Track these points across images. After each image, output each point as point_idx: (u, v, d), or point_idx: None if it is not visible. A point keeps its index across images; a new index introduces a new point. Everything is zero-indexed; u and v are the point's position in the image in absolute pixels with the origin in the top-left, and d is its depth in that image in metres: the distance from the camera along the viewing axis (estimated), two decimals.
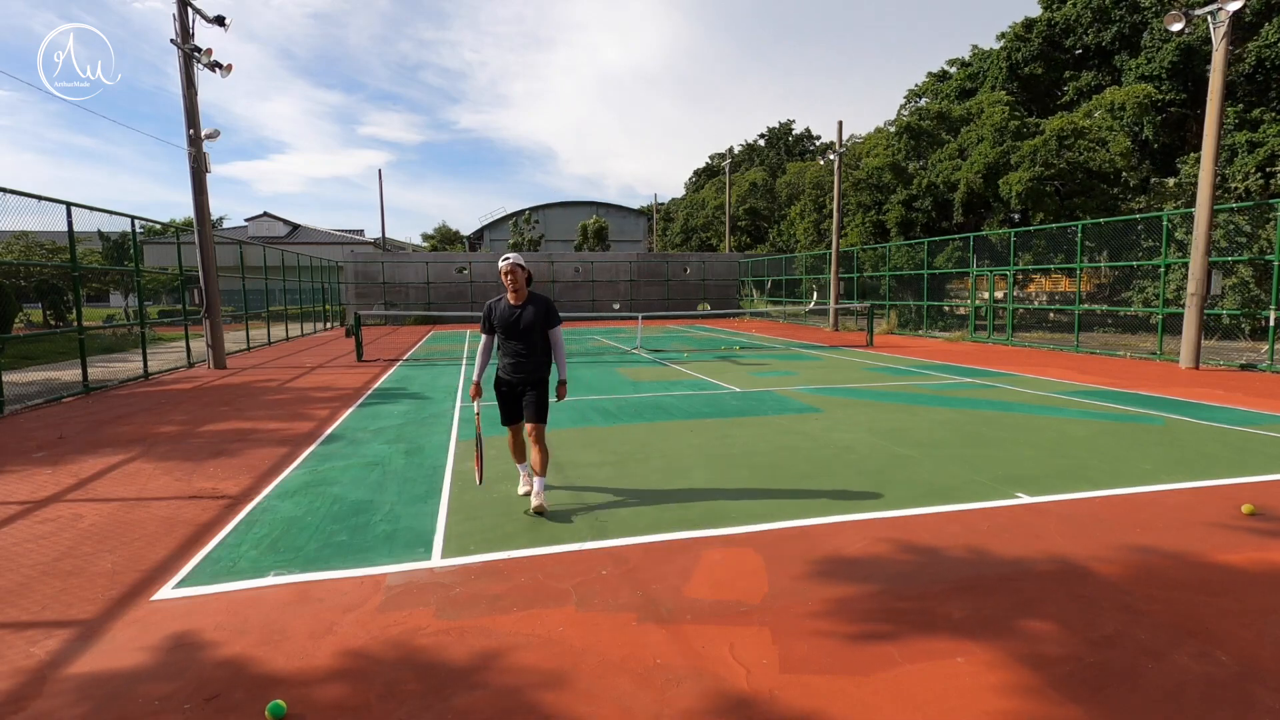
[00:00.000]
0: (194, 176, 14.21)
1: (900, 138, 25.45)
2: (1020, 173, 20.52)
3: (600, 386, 11.03)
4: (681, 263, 37.35)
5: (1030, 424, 7.74)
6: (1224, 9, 11.70)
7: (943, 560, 3.99)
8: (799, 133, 56.50)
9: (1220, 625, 3.21)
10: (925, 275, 21.66)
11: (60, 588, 3.78)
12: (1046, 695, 2.70)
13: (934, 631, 3.19)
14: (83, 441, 7.46)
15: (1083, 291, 19.59)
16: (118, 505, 5.23)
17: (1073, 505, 4.93)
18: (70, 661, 3.03)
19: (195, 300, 15.06)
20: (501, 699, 2.72)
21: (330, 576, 3.87)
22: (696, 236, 49.13)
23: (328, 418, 8.62)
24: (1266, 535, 4.33)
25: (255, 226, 50.59)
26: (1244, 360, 13.09)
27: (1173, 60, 22.97)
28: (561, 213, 59.05)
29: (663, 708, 2.64)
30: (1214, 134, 12.15)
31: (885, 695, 2.70)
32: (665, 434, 7.39)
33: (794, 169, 40.29)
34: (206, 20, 13.84)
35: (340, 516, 4.87)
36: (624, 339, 20.82)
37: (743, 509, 4.90)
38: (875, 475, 5.72)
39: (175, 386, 11.81)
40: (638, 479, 5.69)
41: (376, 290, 33.79)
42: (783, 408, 8.91)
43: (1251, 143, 19.79)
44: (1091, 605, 3.42)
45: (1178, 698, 2.67)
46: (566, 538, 4.41)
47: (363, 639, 3.18)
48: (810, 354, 16.03)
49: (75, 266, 11.10)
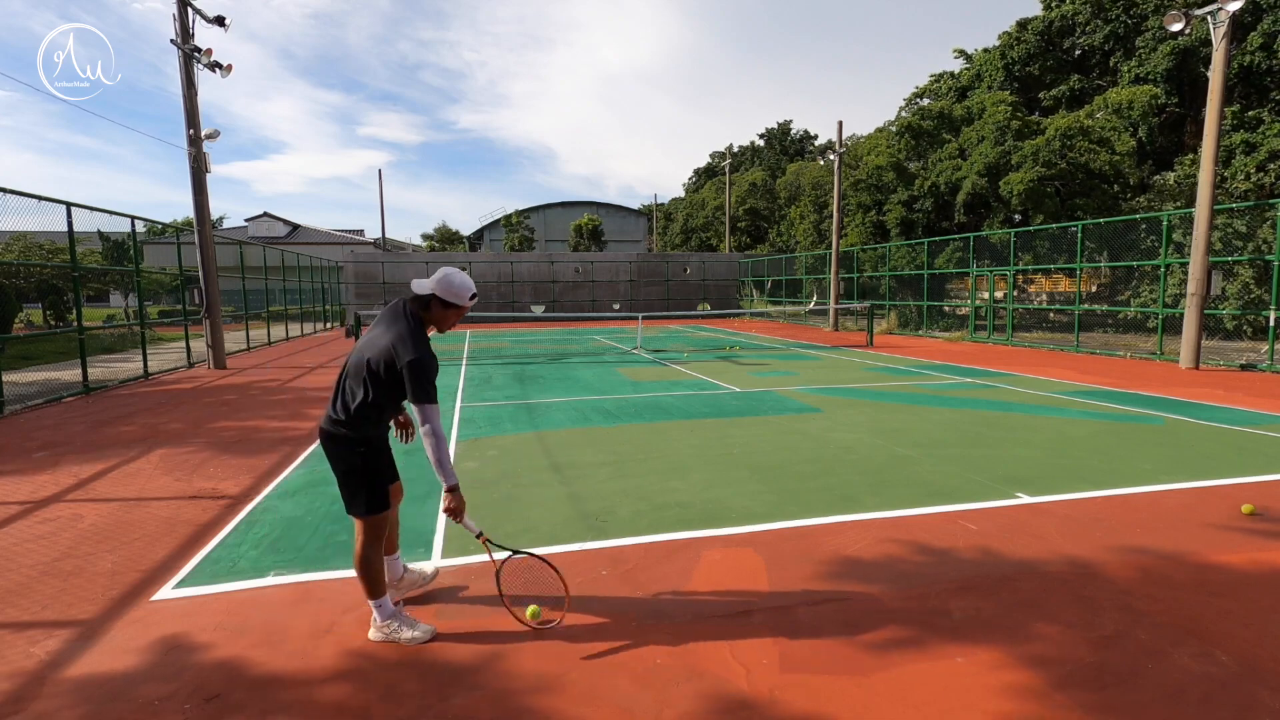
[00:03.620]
0: (194, 176, 14.21)
1: (901, 138, 25.46)
2: (1021, 173, 20.51)
3: (600, 386, 11.03)
4: (681, 263, 37.34)
5: (1030, 424, 7.73)
6: (1224, 9, 11.70)
7: (943, 560, 3.99)
8: (799, 134, 56.56)
9: (1220, 625, 3.21)
10: (925, 275, 21.66)
11: (60, 588, 3.78)
12: (1047, 695, 2.69)
13: (934, 631, 3.18)
14: (83, 441, 7.46)
15: (1083, 292, 19.59)
16: (118, 505, 5.23)
17: (1073, 505, 4.93)
18: (70, 661, 3.03)
19: (195, 300, 15.06)
20: (501, 699, 2.72)
21: (330, 576, 3.87)
22: (696, 236, 49.14)
23: None
24: (1266, 535, 4.33)
25: (255, 226, 50.58)
26: (1244, 360, 13.08)
27: (1167, 66, 22.96)
28: (561, 213, 59.08)
29: (663, 708, 2.64)
30: (1214, 134, 12.15)
31: (885, 695, 2.70)
32: (665, 434, 7.39)
33: (794, 169, 40.31)
34: (206, 20, 13.84)
35: (340, 516, 4.86)
36: (624, 339, 20.82)
37: (743, 509, 4.89)
38: (875, 475, 5.72)
39: (175, 386, 11.81)
40: (638, 479, 5.68)
41: (376, 290, 33.79)
42: (783, 408, 8.91)
43: (1249, 143, 19.79)
44: (1092, 605, 3.42)
45: (1178, 698, 2.66)
46: (566, 538, 4.40)
47: (362, 639, 3.18)
48: (810, 354, 16.03)
49: (75, 267, 11.10)
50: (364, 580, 3.15)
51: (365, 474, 3.14)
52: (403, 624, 3.16)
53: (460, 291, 3.16)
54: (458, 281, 3.16)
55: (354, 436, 3.12)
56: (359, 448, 3.13)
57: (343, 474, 3.16)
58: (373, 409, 3.11)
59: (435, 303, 3.18)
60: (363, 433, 3.14)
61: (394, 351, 3.03)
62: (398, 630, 3.14)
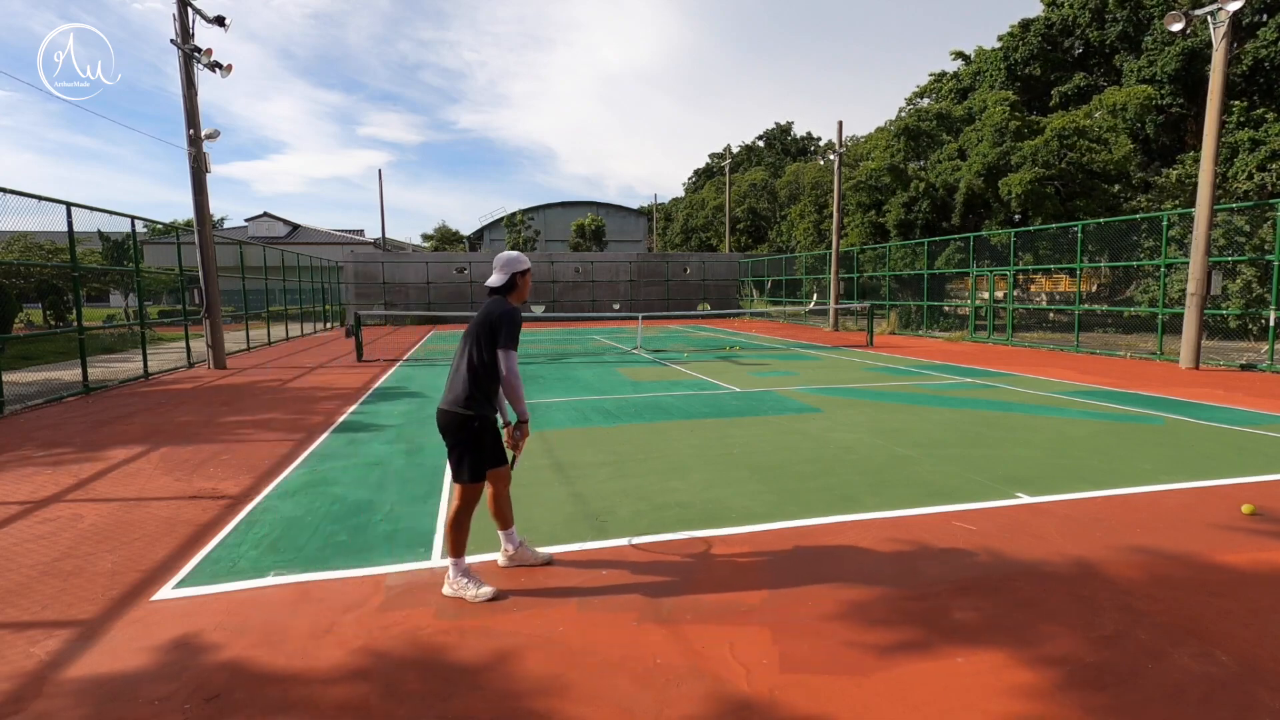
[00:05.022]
0: (194, 176, 14.21)
1: (899, 139, 25.46)
2: (1020, 173, 20.51)
3: (600, 386, 11.03)
4: (681, 263, 37.35)
5: (1030, 424, 7.73)
6: (1224, 9, 11.70)
7: (943, 561, 3.99)
8: (798, 135, 56.56)
9: (1220, 625, 3.21)
10: (925, 275, 21.66)
11: (60, 588, 3.78)
12: (1047, 695, 2.69)
13: (934, 632, 3.18)
14: (83, 441, 7.46)
15: (1083, 291, 19.60)
16: (118, 505, 5.23)
17: (1073, 505, 4.93)
18: (70, 662, 3.03)
19: (195, 300, 15.06)
20: (501, 699, 2.72)
21: (330, 576, 3.87)
22: (696, 236, 49.14)
23: (328, 418, 8.62)
24: (1266, 535, 4.33)
25: (255, 226, 50.56)
26: (1244, 360, 13.08)
27: (1175, 66, 22.93)
28: (561, 213, 59.07)
29: (663, 708, 2.64)
30: (1214, 134, 12.15)
31: (885, 695, 2.70)
32: (665, 434, 7.39)
33: (793, 169, 40.31)
34: (206, 20, 13.84)
35: (340, 516, 4.87)
36: (624, 339, 20.82)
37: (743, 509, 4.89)
38: (875, 475, 5.72)
39: (175, 386, 11.81)
40: (638, 479, 5.69)
41: (376, 290, 33.79)
42: (783, 408, 8.91)
43: (1254, 141, 19.77)
44: (1092, 605, 3.42)
45: (1178, 698, 2.66)
46: (566, 537, 4.41)
47: (363, 639, 3.18)
48: (810, 354, 16.03)
49: (75, 267, 11.10)
50: (448, 538, 3.66)
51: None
52: (470, 581, 3.59)
53: (519, 259, 3.83)
54: (512, 255, 3.85)
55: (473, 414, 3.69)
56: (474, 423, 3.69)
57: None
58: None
59: (517, 278, 3.80)
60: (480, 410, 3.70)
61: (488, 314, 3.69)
62: (465, 587, 3.57)
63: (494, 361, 3.62)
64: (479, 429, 3.62)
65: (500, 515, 3.91)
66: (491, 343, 3.61)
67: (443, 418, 3.68)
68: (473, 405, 3.60)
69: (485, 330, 3.62)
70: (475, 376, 3.61)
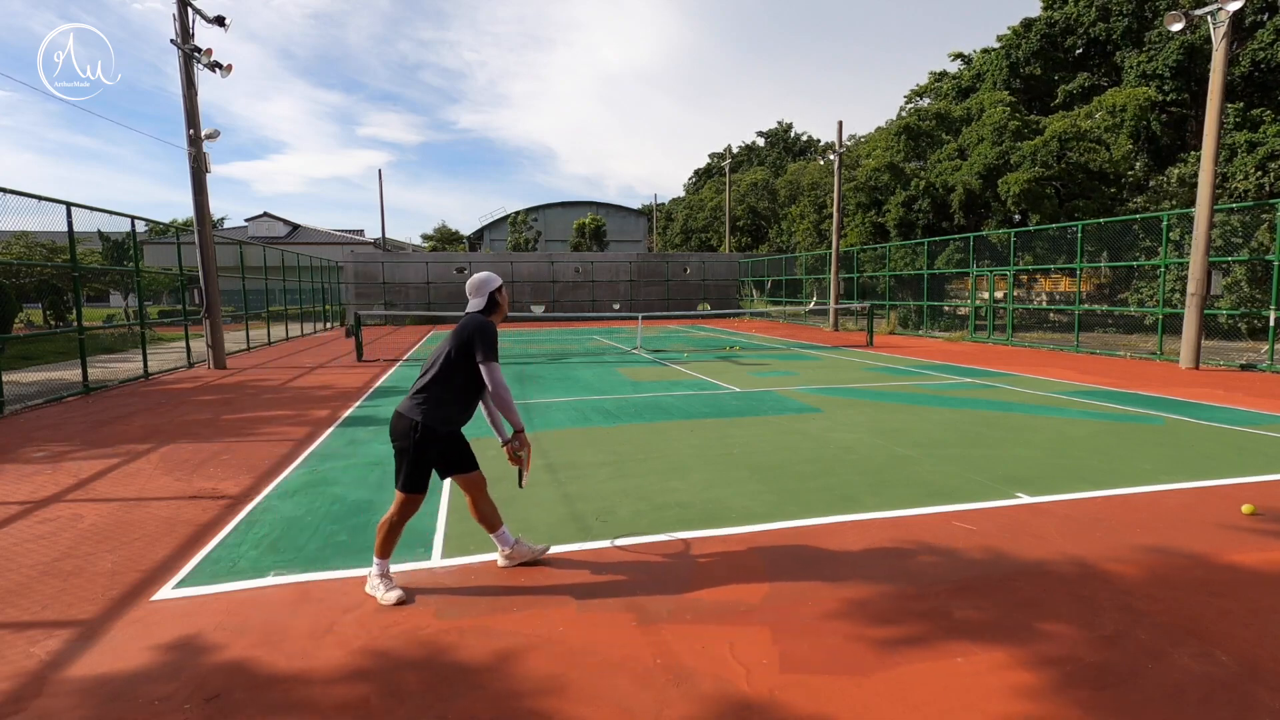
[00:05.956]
0: (194, 176, 14.21)
1: (899, 138, 25.44)
2: (1019, 174, 20.51)
3: (600, 386, 11.03)
4: (681, 263, 37.35)
5: (1030, 424, 7.74)
6: (1224, 9, 11.70)
7: (943, 560, 3.99)
8: (798, 135, 56.55)
9: (1221, 625, 3.21)
10: (925, 275, 21.66)
11: (60, 588, 3.78)
12: (1047, 695, 2.69)
13: (934, 632, 3.18)
14: (83, 441, 7.46)
15: (1083, 291, 19.59)
16: (118, 505, 5.23)
17: (1073, 505, 4.93)
18: (70, 662, 3.03)
19: (195, 300, 15.06)
20: (502, 699, 2.72)
21: (330, 576, 3.87)
22: (696, 236, 49.13)
23: (328, 418, 8.62)
24: (1266, 535, 4.33)
25: (255, 226, 50.58)
26: (1244, 360, 13.08)
27: (1177, 59, 22.91)
28: (561, 213, 59.08)
29: (663, 708, 2.64)
30: (1214, 134, 12.15)
31: (885, 695, 2.70)
32: (665, 434, 7.39)
33: (793, 169, 40.31)
34: (206, 20, 13.85)
35: (340, 516, 4.87)
36: (624, 339, 20.82)
37: (743, 509, 4.89)
38: (875, 475, 5.72)
39: (175, 386, 11.81)
40: (638, 479, 5.69)
41: (376, 290, 33.80)
42: (783, 408, 8.91)
43: (1251, 142, 19.77)
44: (1092, 605, 3.42)
45: (1178, 698, 2.66)
46: (566, 538, 4.41)
47: (363, 639, 3.18)
48: (810, 354, 16.03)
49: (75, 266, 11.10)
50: (377, 536, 3.67)
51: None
52: (383, 582, 3.62)
53: (490, 279, 3.83)
54: (482, 277, 3.84)
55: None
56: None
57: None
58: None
59: (495, 295, 3.80)
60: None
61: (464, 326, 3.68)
62: (376, 587, 3.62)
63: (466, 376, 3.61)
64: (420, 439, 3.54)
65: (484, 520, 3.86)
66: (466, 356, 3.59)
67: (392, 420, 3.68)
68: (420, 413, 3.56)
69: (459, 345, 3.61)
70: (432, 386, 3.60)
